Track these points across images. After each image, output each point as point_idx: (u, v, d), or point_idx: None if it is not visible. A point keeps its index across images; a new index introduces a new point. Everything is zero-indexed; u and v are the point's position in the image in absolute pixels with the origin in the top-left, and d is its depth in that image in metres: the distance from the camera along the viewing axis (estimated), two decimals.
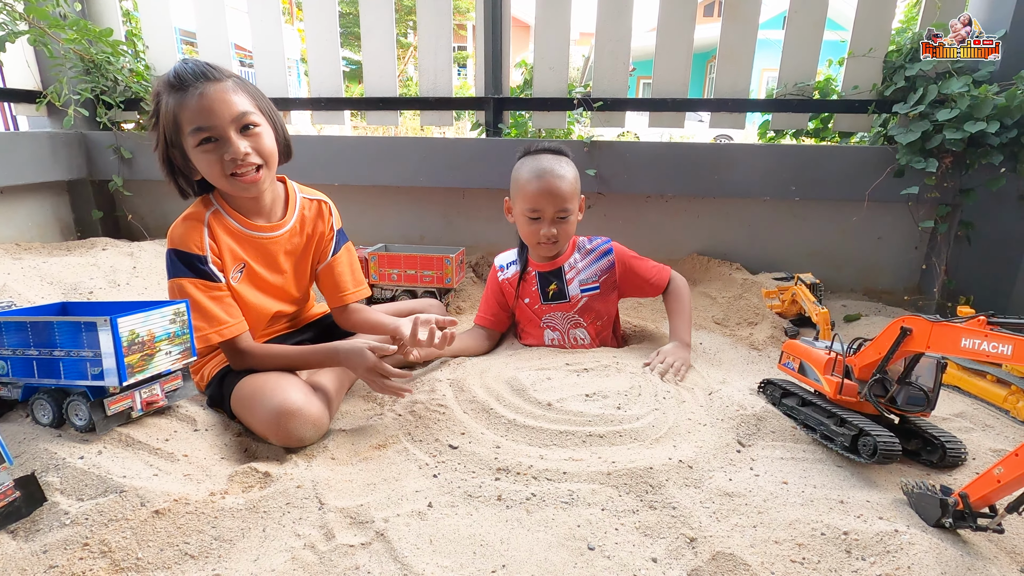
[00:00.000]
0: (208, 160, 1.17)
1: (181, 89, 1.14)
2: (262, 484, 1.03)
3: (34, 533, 0.88)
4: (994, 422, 1.36)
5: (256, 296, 1.33)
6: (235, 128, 1.17)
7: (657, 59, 2.31)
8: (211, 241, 1.24)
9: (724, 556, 0.87)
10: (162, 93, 1.17)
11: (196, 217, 1.25)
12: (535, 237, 1.56)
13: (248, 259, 1.31)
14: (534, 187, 1.50)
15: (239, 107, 1.16)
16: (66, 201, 2.59)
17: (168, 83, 1.15)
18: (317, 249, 1.43)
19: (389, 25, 2.44)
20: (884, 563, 0.86)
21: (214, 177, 1.20)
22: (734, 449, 1.17)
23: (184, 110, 1.14)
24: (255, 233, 1.31)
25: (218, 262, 1.25)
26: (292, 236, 1.37)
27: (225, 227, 1.27)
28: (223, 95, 1.15)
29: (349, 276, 1.48)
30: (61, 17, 2.23)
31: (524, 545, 0.89)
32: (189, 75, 1.14)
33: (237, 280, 1.29)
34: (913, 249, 2.26)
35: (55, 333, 1.07)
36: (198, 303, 1.21)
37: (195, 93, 1.13)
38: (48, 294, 1.84)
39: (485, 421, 1.24)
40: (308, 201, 1.42)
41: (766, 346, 1.85)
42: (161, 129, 1.18)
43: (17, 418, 1.16)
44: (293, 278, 1.41)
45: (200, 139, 1.15)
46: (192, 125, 1.14)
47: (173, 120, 1.15)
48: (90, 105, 2.43)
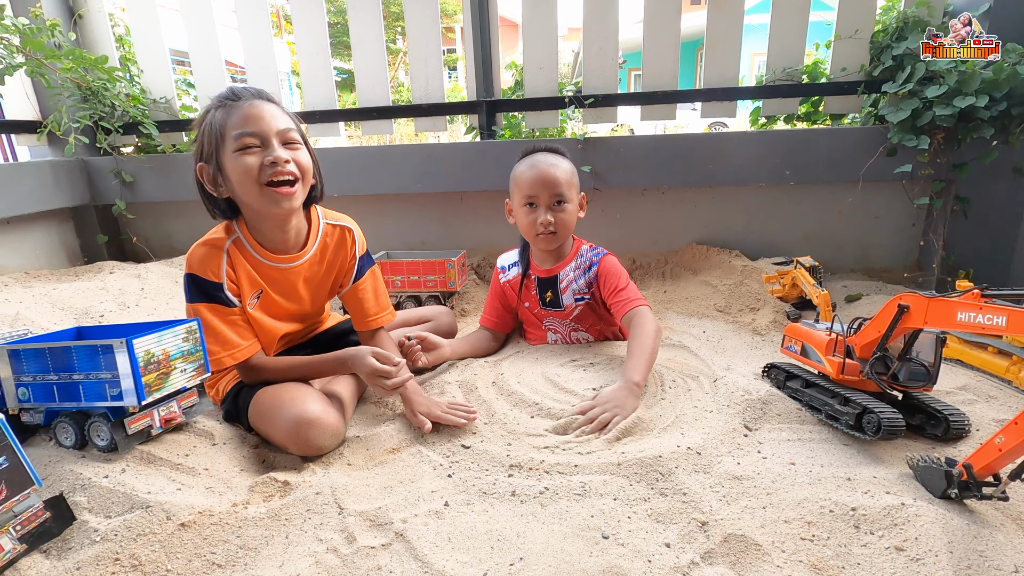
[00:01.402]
0: (246, 164, 1.18)
1: (233, 101, 1.20)
2: (282, 493, 1.06)
3: (66, 551, 0.91)
4: (997, 393, 1.38)
5: (270, 321, 1.35)
6: (279, 139, 1.21)
7: (645, 52, 2.33)
8: (229, 269, 1.26)
9: (735, 538, 0.89)
10: (209, 112, 1.22)
11: (216, 244, 1.26)
12: (533, 227, 1.56)
13: (266, 286, 1.32)
14: (529, 175, 1.54)
15: (283, 123, 1.22)
16: (71, 227, 2.63)
17: (221, 99, 1.21)
18: (339, 276, 1.44)
19: (378, 35, 2.46)
20: (892, 535, 0.88)
21: (248, 184, 1.19)
22: (741, 434, 1.20)
23: (232, 118, 1.18)
24: (275, 264, 1.32)
25: (234, 288, 1.27)
26: (312, 264, 1.37)
27: (245, 255, 1.29)
28: (273, 109, 1.21)
29: (373, 302, 1.47)
30: (56, 47, 2.27)
31: (540, 537, 0.92)
32: (244, 92, 1.22)
33: (253, 307, 1.31)
34: (910, 226, 2.27)
35: (73, 357, 1.10)
36: (213, 328, 1.24)
37: (246, 104, 1.19)
38: (60, 320, 1.87)
39: (495, 421, 1.26)
40: (331, 228, 1.41)
41: (769, 331, 1.87)
42: (201, 143, 1.22)
43: (41, 442, 1.19)
44: (310, 301, 1.42)
45: (242, 144, 1.18)
46: (237, 130, 1.17)
47: (219, 129, 1.18)
48: (89, 132, 2.47)
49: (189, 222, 2.71)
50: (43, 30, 2.16)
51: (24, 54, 2.12)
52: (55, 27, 2.23)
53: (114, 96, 2.45)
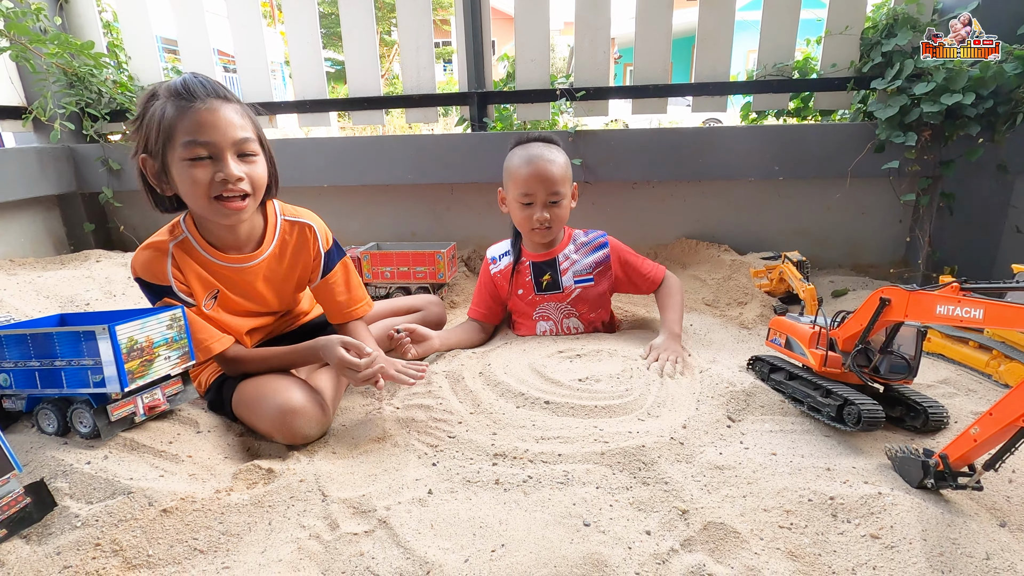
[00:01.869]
0: (194, 177, 1.10)
1: (187, 99, 1.09)
2: (266, 480, 1.06)
3: (47, 536, 0.90)
4: (977, 386, 1.40)
5: (231, 319, 1.32)
6: (233, 152, 1.13)
7: (637, 46, 2.33)
8: (175, 270, 1.21)
9: (715, 525, 0.90)
10: (158, 99, 1.12)
11: (158, 247, 1.20)
12: (528, 223, 1.58)
13: (221, 287, 1.27)
14: (525, 172, 1.54)
15: (241, 132, 1.13)
16: (57, 215, 2.60)
17: (173, 91, 1.10)
18: (303, 272, 1.38)
19: (370, 25, 2.45)
20: (868, 524, 0.89)
21: (196, 196, 1.13)
22: (724, 424, 1.21)
23: (184, 120, 1.09)
24: (226, 264, 1.25)
25: (185, 288, 1.22)
26: (271, 263, 1.31)
27: (194, 256, 1.23)
28: (231, 116, 1.12)
29: (345, 295, 1.42)
30: (42, 32, 2.23)
31: (522, 525, 0.92)
32: (200, 88, 1.10)
33: (210, 308, 1.26)
34: (897, 222, 2.29)
35: (55, 344, 1.09)
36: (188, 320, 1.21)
37: (201, 107, 1.09)
38: (45, 307, 1.86)
39: (481, 410, 1.27)
40: (289, 225, 1.34)
41: (756, 324, 1.88)
42: (144, 135, 1.12)
43: (22, 428, 1.18)
44: (275, 299, 1.38)
45: (193, 154, 1.10)
46: (189, 137, 1.09)
47: (167, 128, 1.09)
48: (76, 118, 2.44)
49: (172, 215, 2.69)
50: (28, 14, 2.13)
51: (8, 38, 2.09)
52: (40, 11, 2.20)
53: (101, 82, 2.42)
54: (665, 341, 1.52)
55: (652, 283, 1.70)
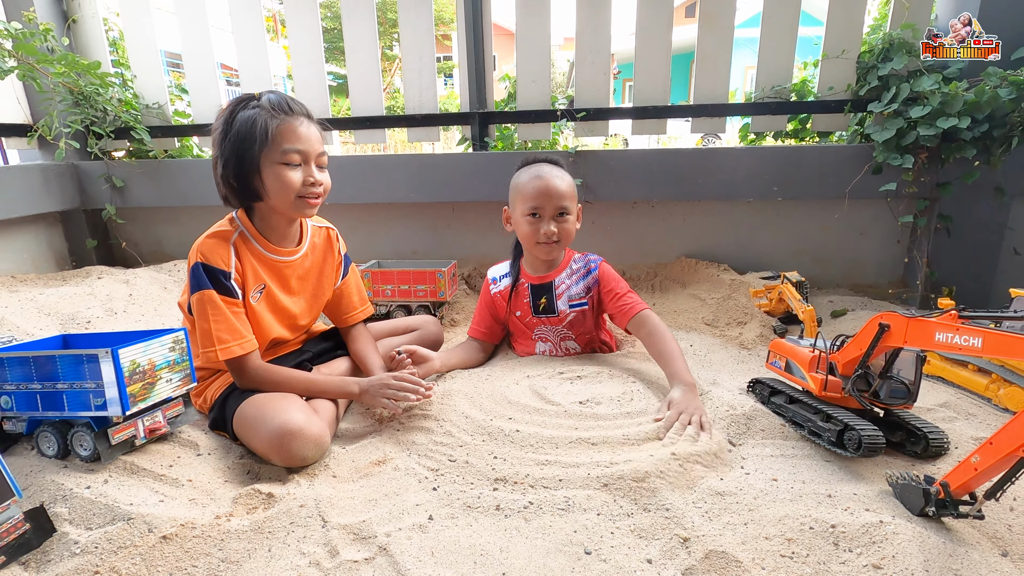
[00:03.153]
0: (289, 178, 1.28)
1: (288, 114, 1.28)
2: (266, 505, 1.05)
3: (45, 564, 0.90)
4: (977, 410, 1.40)
5: (268, 318, 1.39)
6: (316, 161, 1.33)
7: (637, 67, 2.36)
8: (236, 260, 1.31)
9: (716, 554, 0.90)
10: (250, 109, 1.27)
11: (223, 236, 1.32)
12: (535, 237, 1.58)
13: (267, 281, 1.38)
14: (533, 186, 1.56)
15: (322, 147, 1.35)
16: (60, 232, 2.61)
17: (274, 105, 1.28)
18: (329, 273, 1.52)
19: (372, 44, 2.48)
20: (870, 553, 0.89)
21: (285, 194, 1.29)
22: (725, 449, 1.21)
23: (287, 130, 1.27)
24: (275, 257, 1.39)
25: (239, 280, 1.31)
26: (304, 260, 1.45)
27: (249, 249, 1.35)
28: (315, 133, 1.33)
29: (356, 297, 1.59)
30: (49, 52, 2.26)
31: (523, 553, 0.92)
32: (297, 107, 1.31)
33: (256, 300, 1.36)
34: (895, 243, 2.31)
35: (57, 366, 1.10)
36: (223, 316, 1.26)
37: (301, 121, 1.30)
38: (46, 325, 1.86)
39: (481, 433, 1.26)
40: (317, 228, 1.52)
41: (755, 345, 1.89)
42: (237, 135, 1.26)
43: (22, 451, 1.18)
44: (306, 303, 1.48)
45: (290, 159, 1.28)
46: (289, 145, 1.27)
47: (269, 135, 1.25)
48: (80, 136, 2.46)
49: (180, 228, 2.70)
50: (36, 34, 2.16)
51: (16, 58, 2.12)
52: (48, 31, 2.23)
53: (106, 101, 2.44)
54: (684, 396, 1.32)
55: (624, 316, 1.57)
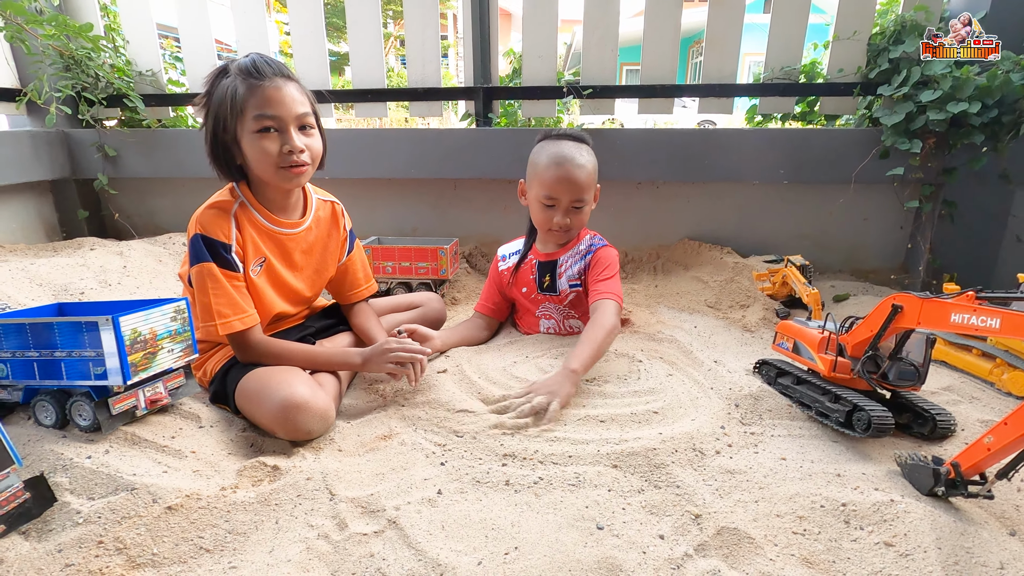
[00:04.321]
0: (264, 147, 1.21)
1: (256, 77, 1.20)
2: (271, 478, 1.04)
3: (47, 533, 0.88)
4: (980, 394, 1.40)
5: (269, 292, 1.35)
6: (296, 125, 1.24)
7: (645, 46, 2.32)
8: (237, 232, 1.27)
9: (729, 531, 0.90)
10: (227, 76, 1.21)
11: (223, 207, 1.27)
12: (547, 224, 1.56)
13: (268, 254, 1.33)
14: (552, 174, 1.49)
15: (302, 107, 1.25)
16: (50, 201, 2.55)
17: (244, 70, 1.20)
18: (334, 249, 1.48)
19: (375, 16, 2.41)
20: (881, 531, 0.89)
21: (264, 165, 1.23)
22: (734, 428, 1.20)
23: (254, 97, 1.19)
24: (277, 228, 1.34)
25: (240, 253, 1.27)
26: (308, 234, 1.41)
27: (250, 220, 1.30)
28: (293, 93, 1.23)
29: (361, 274, 1.56)
30: (38, 12, 2.18)
31: (535, 527, 0.91)
32: (268, 68, 1.21)
33: (256, 273, 1.32)
34: (899, 229, 2.30)
35: (56, 334, 1.06)
36: (223, 289, 1.23)
37: (270, 84, 1.20)
38: (38, 296, 1.82)
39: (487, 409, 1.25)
40: (322, 202, 1.47)
41: (759, 327, 1.88)
42: (215, 108, 1.21)
43: (19, 420, 1.15)
44: (308, 279, 1.44)
45: (262, 126, 1.20)
46: (258, 111, 1.19)
47: (238, 103, 1.19)
48: (71, 103, 2.39)
49: (174, 200, 2.65)
50: None
51: (4, 18, 2.04)
52: None
53: (98, 66, 2.37)
54: (551, 377, 1.28)
55: (592, 295, 1.51)
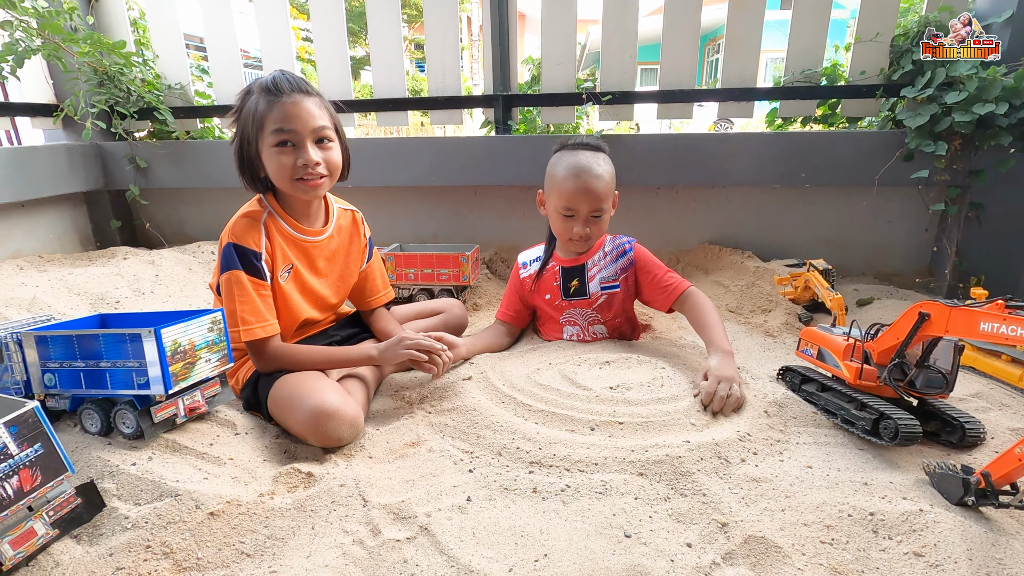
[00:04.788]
0: (280, 162, 1.27)
1: (275, 94, 1.25)
2: (306, 484, 1.07)
3: (97, 537, 0.92)
4: (1011, 401, 1.39)
5: (297, 298, 1.40)
6: (312, 139, 1.29)
7: (664, 50, 2.32)
8: (266, 241, 1.32)
9: (756, 539, 0.91)
10: (252, 94, 1.28)
11: (254, 216, 1.33)
12: (567, 234, 1.57)
13: (295, 261, 1.39)
14: (570, 185, 1.50)
15: (319, 121, 1.29)
16: (84, 212, 2.64)
17: (264, 87, 1.26)
18: (355, 255, 1.53)
19: (396, 25, 2.46)
20: (911, 541, 0.89)
21: (282, 178, 1.29)
22: (759, 436, 1.21)
23: (272, 112, 1.25)
24: (303, 236, 1.39)
25: (269, 261, 1.33)
26: (330, 242, 1.46)
27: (278, 229, 1.36)
28: (310, 108, 1.28)
29: (379, 280, 1.61)
30: (74, 31, 2.26)
31: (563, 535, 0.93)
32: (286, 85, 1.27)
33: (285, 280, 1.37)
34: (923, 232, 2.28)
35: (100, 345, 1.11)
36: (249, 297, 1.28)
37: (287, 100, 1.25)
38: (76, 304, 1.89)
39: (514, 416, 1.27)
40: (343, 211, 1.52)
41: (781, 333, 1.88)
42: (242, 125, 1.29)
43: (66, 428, 1.20)
44: (333, 285, 1.49)
45: (278, 140, 1.26)
46: (275, 126, 1.25)
47: (259, 119, 1.25)
48: (104, 116, 2.47)
49: (202, 209, 2.72)
50: (61, 13, 2.16)
51: (42, 37, 2.12)
52: (73, 11, 2.23)
53: (130, 81, 2.44)
54: (721, 363, 1.33)
55: (669, 296, 1.56)
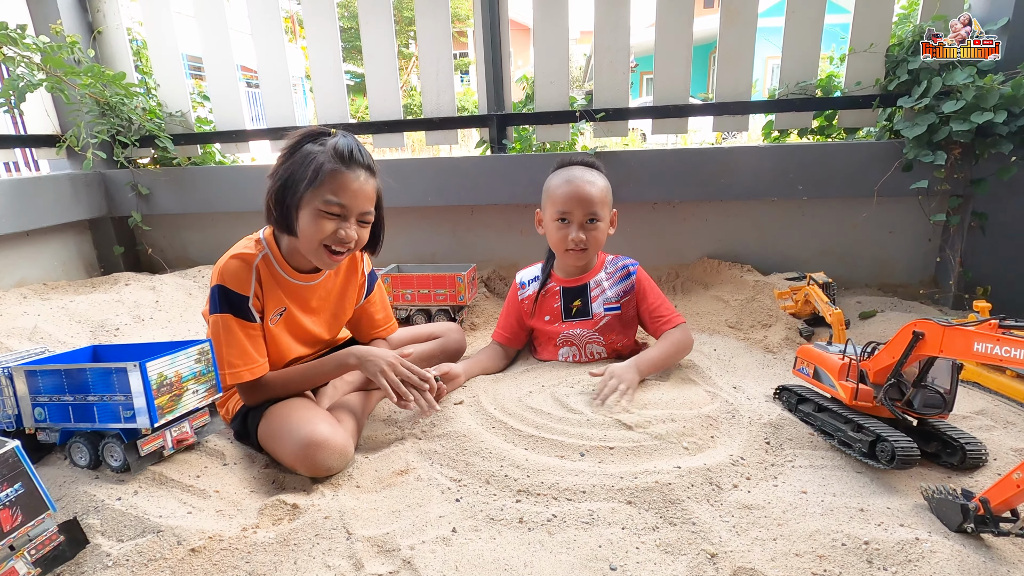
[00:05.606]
0: (322, 227, 1.26)
1: (346, 163, 1.26)
2: (291, 516, 1.06)
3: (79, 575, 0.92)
4: (1015, 419, 1.35)
5: (287, 339, 1.39)
6: (357, 217, 1.31)
7: (657, 65, 2.32)
8: (257, 285, 1.30)
9: (745, 571, 0.88)
10: (319, 145, 1.27)
11: (246, 260, 1.30)
12: (564, 243, 1.59)
13: (289, 304, 1.38)
14: (563, 191, 1.56)
15: (369, 206, 1.32)
16: (88, 239, 2.68)
17: (339, 153, 1.25)
18: (352, 292, 1.51)
19: (390, 50, 2.48)
20: (906, 572, 0.86)
21: (313, 240, 1.27)
22: (753, 459, 1.18)
23: (335, 180, 1.24)
24: (297, 282, 1.38)
25: (259, 304, 1.31)
26: (326, 282, 1.45)
27: (271, 272, 1.34)
28: (368, 190, 1.30)
29: (381, 315, 1.59)
30: (76, 64, 2.31)
31: (547, 568, 0.91)
32: (358, 158, 1.28)
33: (275, 323, 1.36)
34: (926, 242, 2.24)
35: (88, 379, 1.12)
36: (236, 340, 1.27)
37: (353, 175, 1.26)
38: (77, 333, 1.91)
39: (504, 442, 1.26)
40: None
41: (781, 348, 1.85)
42: (293, 167, 1.26)
43: (56, 461, 1.21)
44: (326, 323, 1.48)
45: (329, 209, 1.25)
46: (332, 196, 1.25)
47: (319, 178, 1.23)
48: (107, 146, 2.51)
49: (203, 233, 2.75)
50: (63, 47, 2.21)
51: (45, 71, 2.17)
52: (75, 44, 2.28)
53: (131, 111, 2.49)
54: (624, 367, 1.45)
55: (662, 327, 1.61)
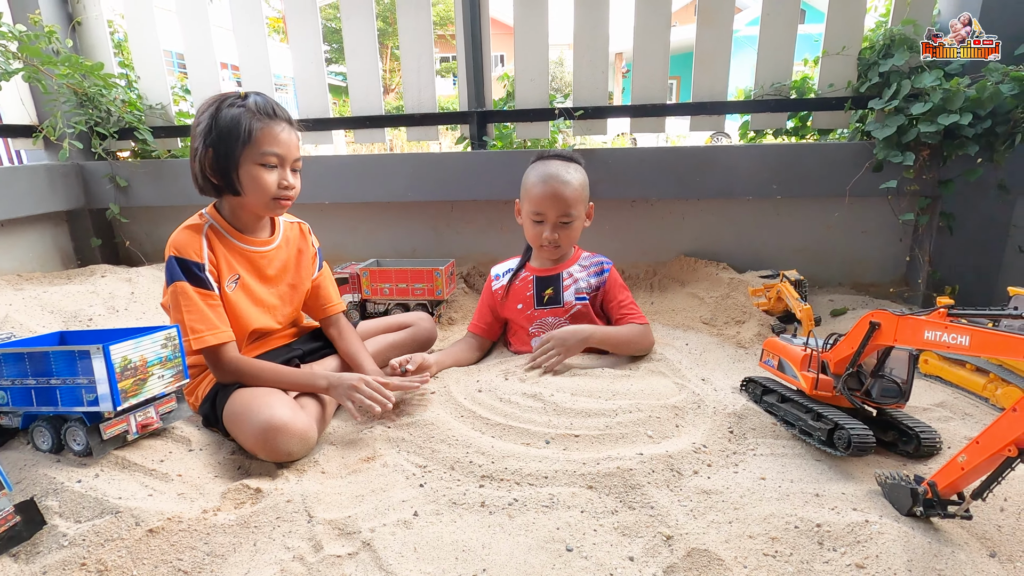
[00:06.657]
0: (266, 180, 1.33)
1: (271, 117, 1.33)
2: (253, 500, 1.06)
3: (34, 555, 0.91)
4: (973, 410, 1.38)
5: (247, 307, 1.40)
6: (291, 165, 1.39)
7: (636, 65, 2.35)
8: (209, 252, 1.33)
9: (699, 552, 0.90)
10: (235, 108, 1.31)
11: (195, 228, 1.35)
12: (538, 240, 1.64)
13: (242, 271, 1.40)
14: (539, 191, 1.58)
15: (298, 153, 1.41)
16: (65, 231, 2.65)
17: (261, 109, 1.32)
18: (306, 264, 1.55)
19: (372, 46, 2.49)
20: (854, 553, 0.88)
21: (261, 193, 1.34)
22: (715, 447, 1.20)
23: (268, 134, 1.32)
24: (249, 247, 1.42)
25: (214, 272, 1.33)
26: (279, 252, 1.48)
27: (221, 240, 1.38)
28: (294, 138, 1.39)
29: (333, 290, 1.63)
30: (54, 53, 2.29)
31: (505, 549, 0.92)
32: (282, 112, 1.37)
33: (232, 290, 1.37)
34: (898, 241, 2.28)
35: (51, 362, 1.11)
36: (195, 306, 1.28)
37: (282, 126, 1.35)
38: (49, 323, 1.89)
39: (471, 430, 1.27)
40: (289, 224, 1.55)
41: (753, 344, 1.88)
42: (219, 134, 1.30)
43: (18, 445, 1.20)
44: (285, 294, 1.51)
45: (268, 161, 1.33)
46: (270, 148, 1.32)
47: (248, 134, 1.30)
48: (85, 137, 2.49)
49: None
50: (41, 36, 2.19)
51: (21, 60, 2.15)
52: (52, 34, 2.26)
53: (110, 102, 2.47)
54: (567, 332, 1.55)
55: (626, 319, 1.67)
